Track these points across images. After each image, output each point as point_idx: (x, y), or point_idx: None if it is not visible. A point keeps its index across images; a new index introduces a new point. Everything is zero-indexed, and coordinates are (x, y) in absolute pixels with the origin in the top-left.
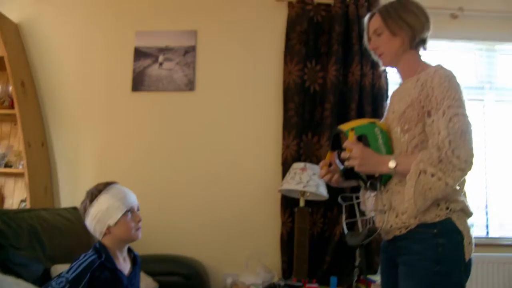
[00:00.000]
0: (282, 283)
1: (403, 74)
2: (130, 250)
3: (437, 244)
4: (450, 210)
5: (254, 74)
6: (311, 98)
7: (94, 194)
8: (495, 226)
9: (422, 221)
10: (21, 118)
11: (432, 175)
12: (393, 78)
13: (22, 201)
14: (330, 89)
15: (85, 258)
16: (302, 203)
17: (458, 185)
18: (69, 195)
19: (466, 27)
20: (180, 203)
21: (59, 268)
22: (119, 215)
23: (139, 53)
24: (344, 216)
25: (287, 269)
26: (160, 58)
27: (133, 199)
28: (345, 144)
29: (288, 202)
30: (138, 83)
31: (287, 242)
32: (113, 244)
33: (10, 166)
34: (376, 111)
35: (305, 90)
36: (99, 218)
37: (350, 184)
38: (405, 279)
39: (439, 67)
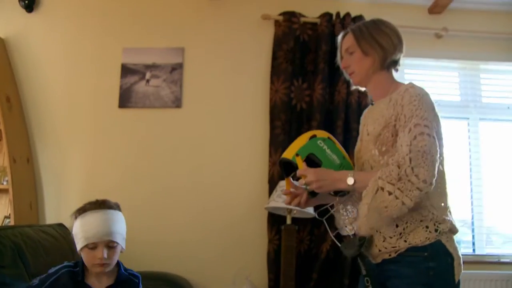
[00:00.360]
0: None
1: (375, 95)
2: (121, 270)
3: (428, 268)
4: (439, 232)
5: (241, 92)
6: (298, 116)
7: (76, 215)
8: (481, 243)
9: (413, 245)
10: (6, 133)
11: (389, 193)
12: None
13: (6, 217)
14: (316, 107)
15: (57, 267)
16: (289, 221)
17: (443, 203)
18: (55, 211)
19: (451, 47)
20: (167, 220)
21: None
22: (80, 247)
23: (126, 70)
24: (329, 230)
25: (274, 287)
26: (147, 75)
27: (102, 235)
28: (298, 173)
29: (275, 220)
30: (125, 99)
31: (274, 260)
32: (86, 261)
33: None
34: None
35: (292, 108)
36: (73, 238)
37: (319, 201)
38: None
39: (410, 86)
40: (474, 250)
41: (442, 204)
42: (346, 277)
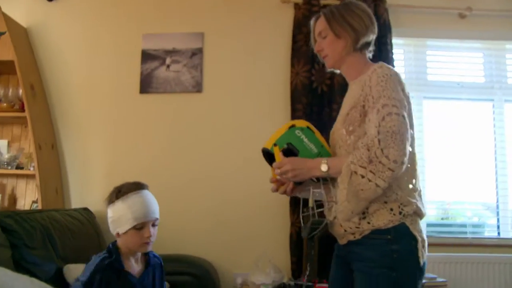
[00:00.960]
0: (292, 283)
1: (349, 77)
2: (150, 253)
3: (391, 251)
4: (404, 214)
5: (262, 75)
6: (319, 99)
7: (112, 198)
8: (506, 226)
9: (376, 227)
10: (32, 120)
11: (362, 177)
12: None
13: (34, 202)
14: (337, 90)
15: (97, 259)
16: (311, 203)
17: (411, 184)
18: (80, 196)
19: (474, 27)
20: (189, 203)
21: (72, 268)
22: (128, 228)
23: (146, 56)
24: (300, 209)
25: (297, 269)
26: (168, 61)
27: (149, 214)
28: (274, 165)
29: (297, 202)
30: (146, 85)
31: (296, 242)
32: (124, 247)
33: (22, 168)
34: None
35: (313, 91)
36: (111, 222)
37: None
38: (359, 285)
39: (378, 66)
40: (499, 233)
41: (410, 185)
42: None
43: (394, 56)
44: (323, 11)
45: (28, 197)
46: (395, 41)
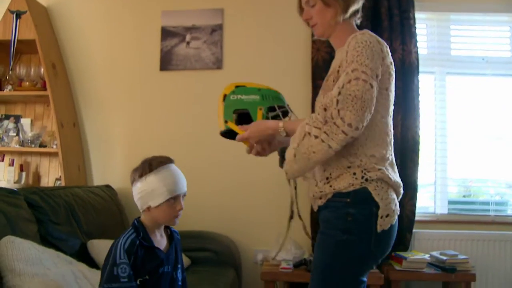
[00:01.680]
0: (312, 259)
1: (336, 45)
2: (166, 227)
3: (347, 214)
4: (366, 179)
5: (282, 51)
6: None
7: (145, 170)
8: None
9: (337, 190)
10: (53, 99)
11: (316, 137)
12: (423, 53)
13: (57, 179)
14: None
15: (125, 237)
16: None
17: (379, 153)
18: (101, 173)
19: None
20: (211, 181)
21: (95, 243)
22: (162, 201)
23: (166, 33)
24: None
25: None
26: (187, 37)
27: (181, 187)
28: (237, 138)
29: None
30: (166, 62)
31: (316, 219)
32: (151, 222)
33: (45, 146)
34: (407, 86)
35: None
36: (142, 196)
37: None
38: (316, 246)
39: (360, 32)
40: None
41: (376, 154)
42: None
43: (417, 31)
44: None
45: (51, 174)
46: (418, 15)
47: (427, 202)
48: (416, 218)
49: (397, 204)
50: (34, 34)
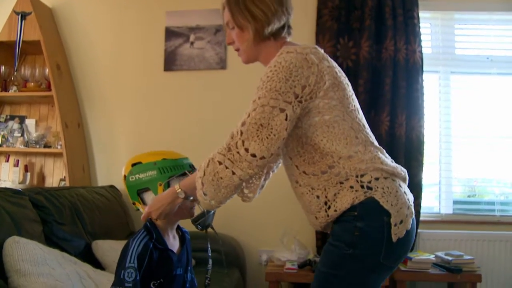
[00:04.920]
0: (317, 259)
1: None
2: (178, 227)
3: (354, 227)
4: (368, 187)
5: None
6: (344, 74)
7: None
8: None
9: (343, 209)
10: (58, 99)
11: (220, 163)
12: (427, 52)
13: (62, 180)
14: (363, 65)
15: (138, 240)
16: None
17: (354, 151)
18: (106, 174)
19: None
20: None
21: (100, 244)
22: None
23: (170, 33)
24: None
25: (321, 246)
26: (191, 38)
27: None
28: (141, 218)
29: None
30: (170, 62)
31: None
32: (164, 222)
33: (49, 147)
34: (411, 87)
35: (338, 66)
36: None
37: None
38: (322, 252)
39: (278, 53)
40: None
41: (352, 153)
42: None
43: (421, 30)
44: None
45: (56, 175)
46: (422, 14)
47: (432, 202)
48: (421, 218)
49: (410, 201)
50: (39, 35)
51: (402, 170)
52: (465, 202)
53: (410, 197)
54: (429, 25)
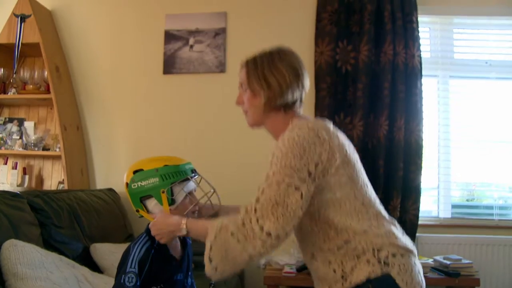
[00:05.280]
0: None
1: (273, 136)
2: None
3: None
4: (385, 262)
5: None
6: (343, 78)
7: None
8: None
9: (358, 282)
10: (57, 102)
11: (232, 234)
12: (426, 57)
13: (60, 182)
14: (362, 69)
15: (140, 245)
16: None
17: (368, 226)
18: (104, 177)
19: (504, 2)
20: (214, 183)
21: (98, 247)
22: (180, 199)
23: (169, 36)
24: None
25: None
26: (191, 41)
27: (192, 183)
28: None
29: None
30: (169, 65)
31: None
32: None
33: (48, 149)
34: (410, 91)
35: (337, 70)
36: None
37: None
38: None
39: (290, 128)
40: None
41: (366, 227)
42: None
43: (420, 35)
44: (247, 59)
45: (54, 178)
46: (421, 19)
47: (431, 206)
48: (420, 222)
49: (423, 280)
50: (38, 38)
51: (413, 245)
52: (463, 206)
53: (421, 273)
54: (428, 29)
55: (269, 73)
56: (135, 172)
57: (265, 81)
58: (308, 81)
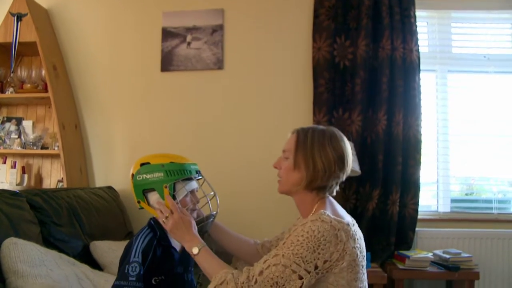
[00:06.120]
0: None
1: (299, 211)
2: None
3: None
4: None
5: (283, 51)
6: (341, 73)
7: None
8: None
9: None
10: (55, 101)
11: None
12: (424, 51)
13: (59, 181)
14: (360, 64)
15: (143, 237)
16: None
17: None
18: (103, 175)
19: None
20: (213, 179)
21: (98, 245)
22: (181, 196)
23: (166, 34)
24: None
25: None
26: (188, 38)
27: (194, 182)
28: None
29: None
30: (167, 63)
31: None
32: None
33: (47, 148)
34: (408, 85)
35: (335, 66)
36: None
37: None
38: None
39: (314, 218)
40: None
41: None
42: (393, 235)
43: (417, 29)
44: (300, 130)
45: (53, 176)
46: (419, 13)
47: (430, 201)
48: (419, 216)
49: None
50: (35, 36)
51: None
52: (463, 200)
53: None
54: (425, 23)
55: (319, 156)
56: (142, 164)
57: (313, 162)
58: (350, 169)
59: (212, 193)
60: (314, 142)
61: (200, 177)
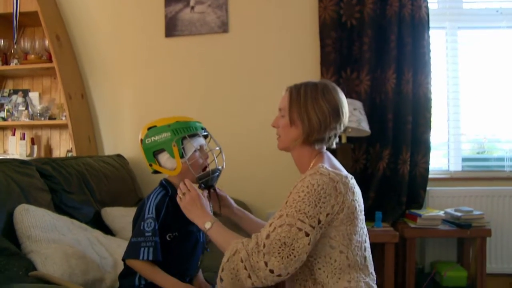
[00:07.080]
0: None
1: (297, 166)
2: None
3: None
4: None
5: (289, 12)
6: (349, 33)
7: None
8: None
9: None
10: (60, 71)
11: (241, 260)
12: (433, 8)
13: (69, 151)
14: (368, 23)
15: (155, 194)
16: (344, 140)
17: (348, 285)
18: (112, 143)
19: None
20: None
21: (109, 211)
22: (190, 153)
23: None
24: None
25: None
26: (192, 2)
27: (202, 139)
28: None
29: None
30: (171, 28)
31: None
32: (179, 181)
33: (54, 119)
34: (417, 43)
35: (342, 25)
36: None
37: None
38: None
39: (312, 172)
40: None
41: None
42: (404, 195)
43: None
44: (292, 86)
45: (62, 146)
46: None
47: (441, 160)
48: (430, 176)
49: None
50: (36, 6)
51: None
52: (474, 159)
53: None
54: None
55: (313, 110)
56: (149, 128)
57: (307, 116)
58: (346, 122)
59: (218, 148)
60: (307, 97)
61: (205, 133)
